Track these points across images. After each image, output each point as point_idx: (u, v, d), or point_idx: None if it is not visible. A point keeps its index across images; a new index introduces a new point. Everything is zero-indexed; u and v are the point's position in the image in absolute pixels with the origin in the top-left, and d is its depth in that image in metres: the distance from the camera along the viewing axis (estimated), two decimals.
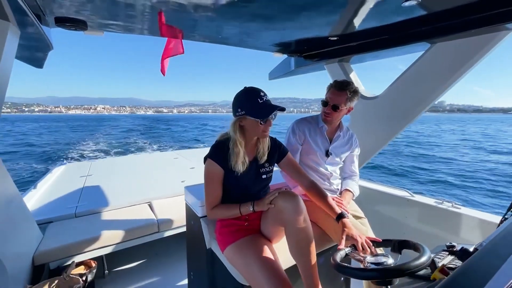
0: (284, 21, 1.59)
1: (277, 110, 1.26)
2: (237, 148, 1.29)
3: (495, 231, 0.87)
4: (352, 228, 1.27)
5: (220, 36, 1.91)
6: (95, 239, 2.02)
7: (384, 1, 1.28)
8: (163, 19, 1.45)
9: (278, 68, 3.02)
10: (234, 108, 1.31)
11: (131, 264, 2.43)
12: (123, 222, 2.26)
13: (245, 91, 1.30)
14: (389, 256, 0.93)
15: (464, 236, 1.85)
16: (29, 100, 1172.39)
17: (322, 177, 1.80)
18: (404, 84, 2.03)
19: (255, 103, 1.25)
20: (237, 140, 1.29)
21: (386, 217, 2.36)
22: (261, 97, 1.26)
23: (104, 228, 2.14)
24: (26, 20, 1.31)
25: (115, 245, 2.09)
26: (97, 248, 2.02)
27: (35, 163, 14.57)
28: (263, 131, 1.30)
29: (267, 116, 1.25)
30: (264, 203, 1.26)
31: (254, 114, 1.25)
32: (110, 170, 3.96)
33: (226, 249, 1.33)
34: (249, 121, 1.28)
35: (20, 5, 1.15)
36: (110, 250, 2.07)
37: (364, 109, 2.37)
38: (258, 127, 1.28)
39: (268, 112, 1.24)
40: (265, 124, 1.28)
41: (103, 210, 2.49)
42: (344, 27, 1.69)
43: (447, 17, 1.46)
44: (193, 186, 1.79)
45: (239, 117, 1.29)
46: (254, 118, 1.25)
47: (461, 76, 1.72)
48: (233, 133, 1.30)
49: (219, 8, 1.34)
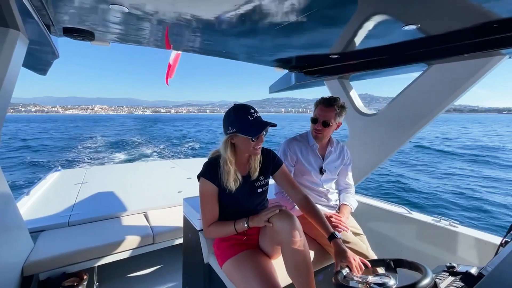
0: (286, 40, 1.63)
1: (268, 126, 1.26)
2: (227, 167, 1.29)
3: (499, 255, 0.87)
4: (344, 249, 1.24)
5: (224, 51, 1.95)
6: (88, 250, 1.97)
7: (385, 24, 1.32)
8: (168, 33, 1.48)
9: (278, 82, 3.06)
10: (224, 126, 1.30)
11: (124, 276, 2.37)
12: (117, 233, 2.21)
13: (235, 108, 1.29)
14: (390, 277, 0.92)
15: (461, 255, 1.85)
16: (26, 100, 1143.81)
17: (320, 195, 1.80)
18: (403, 102, 2.07)
19: (246, 120, 1.24)
20: (227, 158, 1.29)
21: (383, 234, 2.35)
22: (251, 114, 1.25)
23: (98, 238, 2.10)
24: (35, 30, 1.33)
25: (108, 256, 2.04)
26: (89, 259, 1.97)
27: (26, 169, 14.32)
28: (255, 148, 1.29)
29: (258, 134, 1.25)
30: (260, 219, 1.24)
31: (245, 132, 1.24)
32: (106, 178, 3.91)
33: (225, 264, 1.31)
34: (241, 139, 1.27)
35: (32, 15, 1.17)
36: (103, 261, 2.02)
37: (363, 126, 2.40)
38: (249, 144, 1.27)
39: (259, 129, 1.24)
40: (257, 141, 1.28)
41: (97, 219, 2.44)
42: (344, 46, 1.73)
43: (444, 41, 1.51)
44: (192, 198, 1.77)
45: (230, 135, 1.28)
46: (245, 135, 1.25)
47: (457, 97, 1.77)
48: (224, 151, 1.29)
49: (223, 24, 1.38)
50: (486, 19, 1.21)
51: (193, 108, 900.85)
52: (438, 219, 2.06)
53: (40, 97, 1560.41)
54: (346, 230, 1.59)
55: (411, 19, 1.25)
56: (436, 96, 1.85)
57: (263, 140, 1.31)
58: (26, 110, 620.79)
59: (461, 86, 1.71)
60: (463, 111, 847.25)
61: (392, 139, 2.20)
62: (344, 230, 1.58)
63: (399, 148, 2.23)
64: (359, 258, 1.19)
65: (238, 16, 1.26)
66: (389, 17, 1.25)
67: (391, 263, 1.03)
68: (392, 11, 1.19)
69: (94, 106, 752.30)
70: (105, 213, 2.52)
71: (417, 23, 1.26)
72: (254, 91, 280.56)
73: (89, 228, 2.30)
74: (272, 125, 1.26)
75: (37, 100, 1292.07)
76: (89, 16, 1.33)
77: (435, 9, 1.15)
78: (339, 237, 1.29)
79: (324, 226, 1.35)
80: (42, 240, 2.06)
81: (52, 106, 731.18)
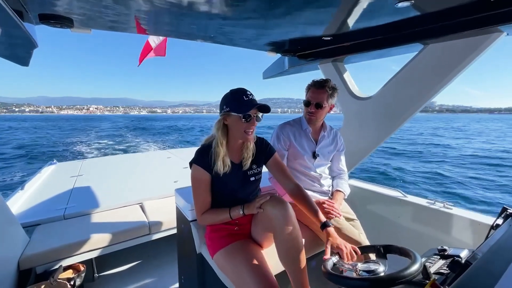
0: (277, 20, 1.56)
1: (262, 113, 1.26)
2: (218, 148, 1.28)
3: (487, 241, 0.86)
4: (336, 238, 1.24)
5: (212, 35, 1.87)
6: (84, 242, 1.97)
7: (378, 1, 1.26)
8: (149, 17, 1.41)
9: (271, 68, 2.99)
10: (220, 106, 1.31)
11: (121, 267, 2.39)
12: (113, 224, 2.21)
13: (232, 90, 1.31)
14: (379, 263, 0.92)
15: (456, 236, 1.86)
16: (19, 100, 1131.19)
17: (312, 180, 1.79)
18: (398, 85, 2.03)
19: (241, 99, 1.25)
20: (219, 138, 1.28)
21: (378, 217, 2.36)
22: (246, 95, 1.26)
23: (94, 230, 2.09)
24: (5, 17, 1.24)
25: (105, 248, 2.04)
26: (86, 251, 1.97)
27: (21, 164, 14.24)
28: (246, 131, 1.27)
29: (248, 110, 1.23)
30: (253, 206, 1.24)
31: (237, 110, 1.24)
32: (102, 170, 3.89)
33: (216, 255, 1.30)
34: (233, 119, 1.27)
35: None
36: (99, 253, 2.03)
37: (357, 110, 2.36)
38: (241, 124, 1.26)
39: (250, 107, 1.24)
40: (248, 123, 1.26)
41: (93, 212, 2.44)
42: (338, 27, 1.67)
43: (440, 18, 1.45)
44: (184, 189, 1.75)
45: (224, 114, 1.28)
46: (237, 113, 1.24)
47: (454, 77, 1.72)
48: (216, 130, 1.30)
49: (210, 6, 1.31)
50: None
51: (189, 108, 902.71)
52: (432, 201, 2.07)
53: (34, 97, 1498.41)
54: (339, 216, 1.59)
55: None
56: (432, 76, 1.80)
57: (255, 124, 1.29)
58: (20, 110, 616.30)
59: (458, 65, 1.66)
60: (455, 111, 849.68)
61: (387, 123, 2.17)
62: (336, 216, 1.58)
63: (394, 132, 2.21)
64: (350, 246, 1.19)
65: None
66: None
67: (381, 249, 1.02)
68: None
69: (90, 106, 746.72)
70: (101, 205, 2.51)
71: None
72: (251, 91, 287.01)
73: (85, 220, 2.30)
74: (265, 106, 1.25)
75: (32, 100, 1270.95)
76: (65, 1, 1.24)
77: None
78: (331, 225, 1.29)
79: (316, 215, 1.34)
80: (37, 234, 2.06)
81: (46, 106, 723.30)
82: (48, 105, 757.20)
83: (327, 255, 1.16)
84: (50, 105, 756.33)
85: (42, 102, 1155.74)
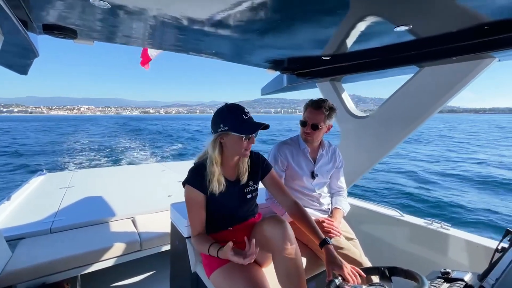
0: (277, 39, 1.60)
1: (260, 128, 1.22)
2: (213, 167, 1.23)
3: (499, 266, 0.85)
4: (335, 256, 1.19)
5: (213, 51, 1.90)
6: (70, 258, 1.87)
7: (376, 25, 1.31)
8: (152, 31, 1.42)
9: (270, 84, 3.04)
10: (215, 124, 1.25)
11: (109, 286, 2.27)
12: (102, 239, 2.11)
13: (228, 106, 1.26)
14: (385, 286, 0.89)
15: (453, 258, 1.84)
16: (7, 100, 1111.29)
17: (312, 199, 1.76)
18: (394, 105, 2.07)
19: (240, 118, 1.21)
20: (214, 158, 1.23)
21: (376, 237, 2.33)
22: (245, 113, 1.23)
23: (81, 245, 2.00)
24: (10, 27, 1.24)
25: (92, 265, 1.94)
26: (72, 268, 1.87)
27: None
28: (246, 149, 1.25)
29: (252, 133, 1.21)
30: (227, 252, 1.10)
31: (238, 130, 1.20)
32: (93, 182, 3.78)
33: (213, 274, 1.25)
34: (232, 138, 1.23)
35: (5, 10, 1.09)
36: (86, 270, 1.92)
37: (355, 128, 2.39)
38: (241, 144, 1.23)
39: (253, 128, 1.21)
40: (248, 141, 1.24)
41: (82, 226, 2.33)
42: (336, 48, 1.72)
43: (435, 43, 1.51)
44: (180, 203, 1.70)
45: (220, 133, 1.23)
46: (238, 134, 1.20)
47: (448, 99, 1.77)
48: (212, 150, 1.24)
49: (213, 23, 1.33)
50: (477, 22, 1.21)
51: (182, 109, 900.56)
52: (429, 222, 2.05)
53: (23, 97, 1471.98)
54: (339, 235, 1.56)
55: (403, 20, 1.24)
56: (427, 98, 1.85)
57: (254, 142, 1.27)
58: (8, 110, 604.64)
59: (452, 88, 1.72)
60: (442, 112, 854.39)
61: (384, 141, 2.20)
62: (336, 235, 1.55)
63: (391, 150, 2.23)
64: (352, 267, 1.15)
65: (227, 15, 1.22)
66: (381, 18, 1.24)
67: (385, 271, 0.99)
68: (384, 11, 1.18)
69: (80, 107, 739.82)
70: (91, 219, 2.41)
71: (408, 24, 1.25)
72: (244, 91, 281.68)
73: (73, 234, 2.20)
74: (265, 126, 1.23)
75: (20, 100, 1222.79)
76: (69, 12, 1.25)
77: (426, 10, 1.14)
78: (330, 243, 1.25)
79: (315, 233, 1.30)
80: (21, 248, 1.95)
81: (35, 106, 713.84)
82: (37, 106, 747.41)
83: (329, 276, 1.12)
84: (39, 106, 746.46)
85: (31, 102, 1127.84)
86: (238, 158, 1.34)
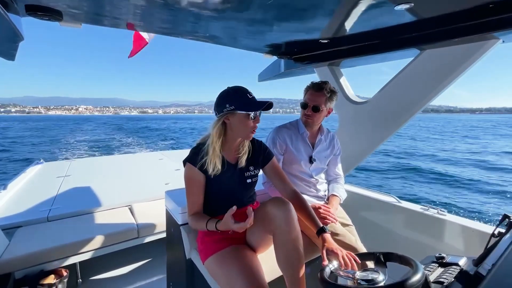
0: (275, 22, 1.55)
1: (263, 108, 1.22)
2: (214, 148, 1.23)
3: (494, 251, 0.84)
4: (332, 243, 1.19)
5: (208, 34, 1.83)
6: (68, 245, 1.88)
7: (377, 5, 1.25)
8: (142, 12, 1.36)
9: (267, 70, 2.97)
10: (220, 105, 1.24)
11: (107, 273, 2.29)
12: (99, 227, 2.12)
13: (232, 88, 1.26)
14: (379, 272, 0.88)
15: (449, 243, 1.86)
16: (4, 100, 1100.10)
17: (308, 185, 1.75)
18: (394, 90, 2.03)
19: (246, 98, 1.21)
20: (215, 138, 1.23)
21: (372, 223, 2.35)
22: (250, 93, 1.23)
23: (79, 233, 2.00)
24: None
25: (90, 252, 1.95)
26: (69, 255, 1.88)
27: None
28: (252, 129, 1.25)
29: (259, 108, 1.20)
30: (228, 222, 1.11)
31: (244, 108, 1.20)
32: (90, 171, 3.78)
33: (207, 260, 1.25)
34: (238, 117, 1.22)
35: None
36: (84, 257, 1.93)
37: (353, 114, 2.36)
38: (247, 123, 1.23)
39: (259, 105, 1.21)
40: (255, 120, 1.24)
41: (79, 214, 2.34)
42: (335, 31, 1.66)
43: (437, 24, 1.45)
44: (175, 191, 1.69)
45: (226, 113, 1.22)
46: (245, 111, 1.20)
47: (449, 83, 1.73)
48: (214, 130, 1.24)
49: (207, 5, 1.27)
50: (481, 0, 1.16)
51: (181, 109, 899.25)
52: (426, 208, 2.06)
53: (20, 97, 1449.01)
54: (335, 221, 1.56)
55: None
56: (428, 82, 1.81)
57: (259, 121, 1.27)
58: (6, 110, 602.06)
59: (453, 72, 1.67)
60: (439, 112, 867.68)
61: (382, 127, 2.17)
62: (332, 221, 1.54)
63: (390, 137, 2.21)
64: (348, 252, 1.15)
65: None
66: None
67: (380, 256, 0.98)
68: None
69: (79, 107, 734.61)
70: (88, 207, 2.41)
71: (410, 1, 1.20)
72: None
73: (70, 223, 2.20)
74: (270, 103, 1.22)
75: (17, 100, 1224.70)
76: None
77: None
78: (328, 231, 1.25)
79: (313, 221, 1.31)
80: (18, 236, 1.95)
81: (33, 106, 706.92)
82: (35, 105, 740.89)
83: (325, 261, 1.12)
84: (37, 106, 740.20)
85: (28, 102, 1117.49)
86: (240, 140, 1.33)
